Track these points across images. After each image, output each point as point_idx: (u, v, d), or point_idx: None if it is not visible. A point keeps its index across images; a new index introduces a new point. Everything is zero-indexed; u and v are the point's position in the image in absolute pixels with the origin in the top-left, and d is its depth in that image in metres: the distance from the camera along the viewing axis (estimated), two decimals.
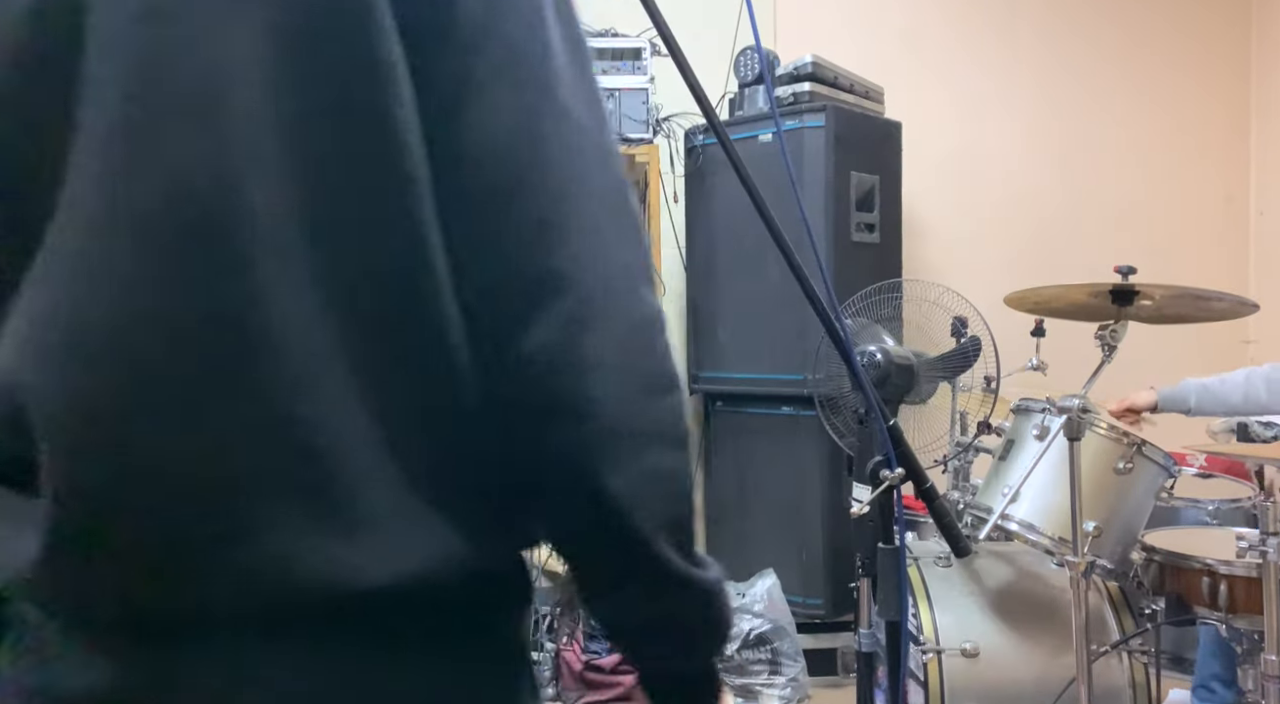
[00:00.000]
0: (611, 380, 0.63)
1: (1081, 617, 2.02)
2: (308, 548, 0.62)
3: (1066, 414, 2.06)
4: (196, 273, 0.60)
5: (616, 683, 3.10)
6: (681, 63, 1.16)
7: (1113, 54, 3.97)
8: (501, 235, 0.64)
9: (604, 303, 0.64)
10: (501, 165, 0.63)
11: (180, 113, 0.60)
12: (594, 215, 0.65)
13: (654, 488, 0.65)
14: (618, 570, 0.68)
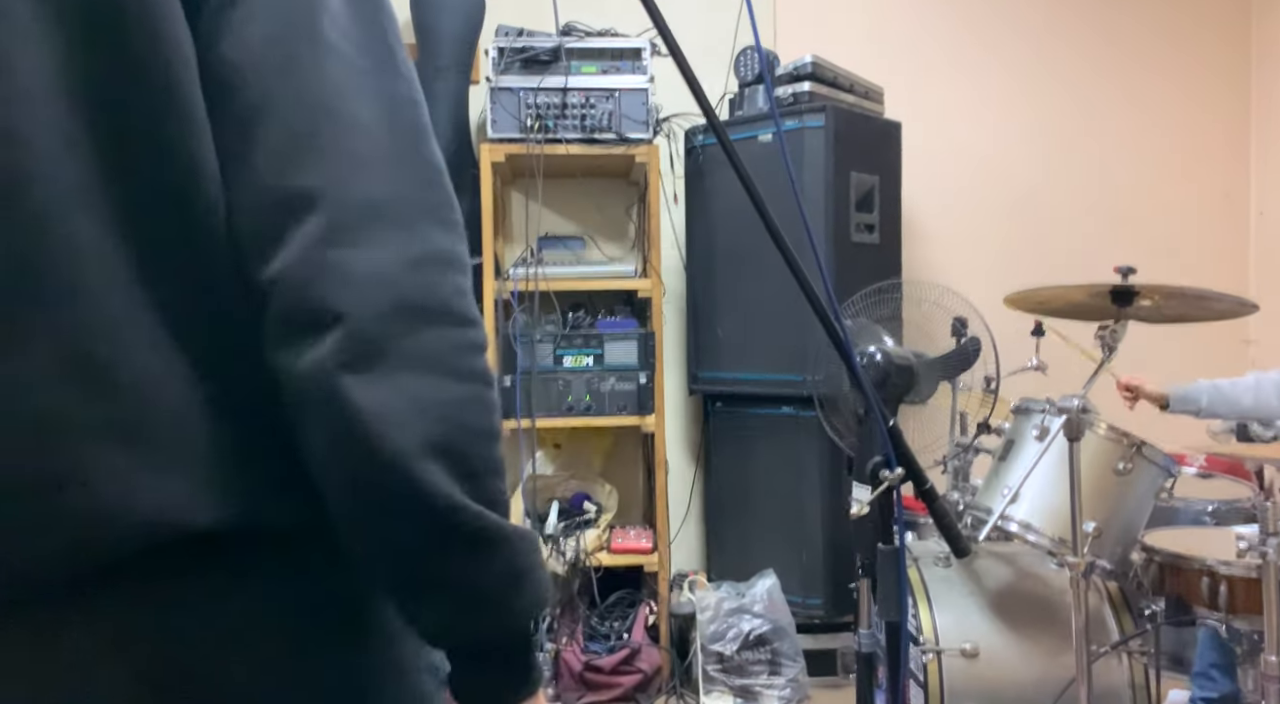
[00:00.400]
0: (363, 298, 0.62)
1: (1081, 617, 2.02)
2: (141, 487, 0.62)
3: (1066, 414, 2.06)
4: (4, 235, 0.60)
5: (616, 683, 3.10)
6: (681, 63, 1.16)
7: (1113, 54, 3.97)
8: (253, 153, 0.63)
9: (361, 227, 0.63)
10: (253, 84, 0.63)
11: None
12: (357, 143, 0.64)
13: (415, 409, 0.62)
14: (376, 503, 0.63)
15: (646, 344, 3.23)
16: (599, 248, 3.63)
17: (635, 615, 3.23)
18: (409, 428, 0.62)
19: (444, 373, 0.64)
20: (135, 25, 0.62)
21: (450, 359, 0.64)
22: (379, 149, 0.65)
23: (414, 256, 0.64)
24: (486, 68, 3.21)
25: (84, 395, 0.62)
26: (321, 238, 0.62)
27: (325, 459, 0.64)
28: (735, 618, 3.03)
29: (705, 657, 3.02)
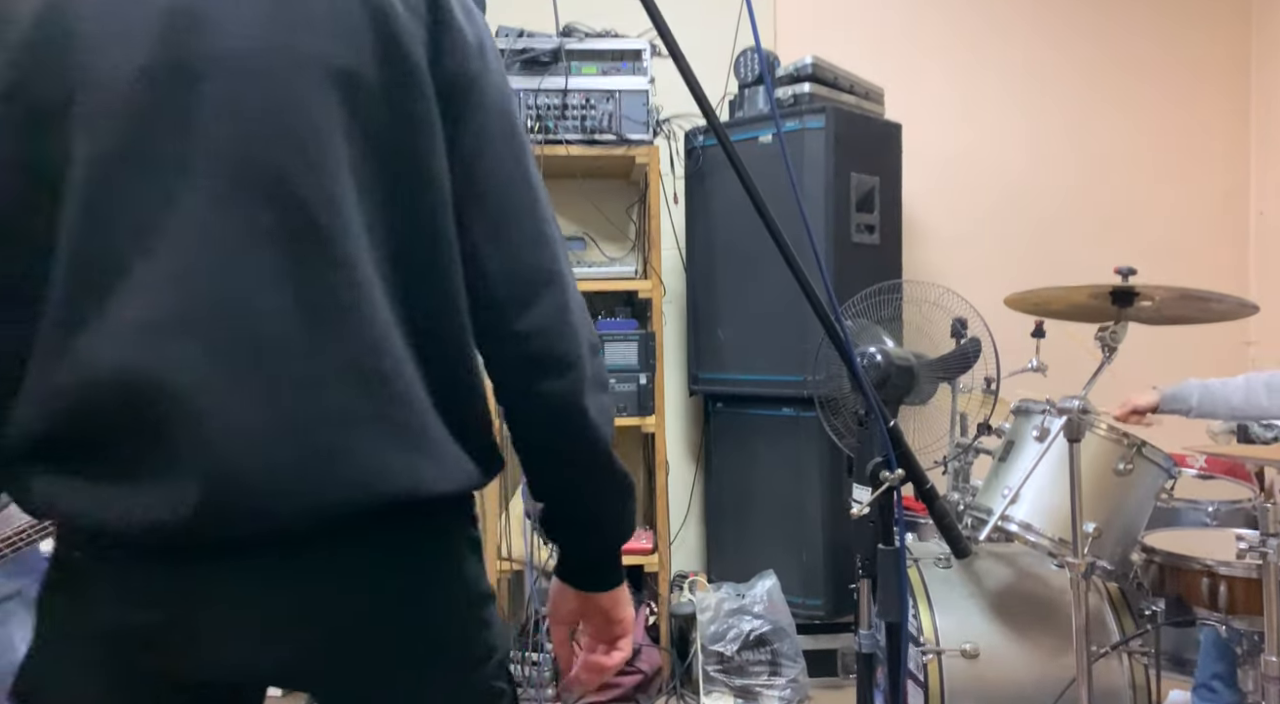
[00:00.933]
0: (583, 346, 0.97)
1: (1081, 618, 2.01)
2: (398, 463, 0.88)
3: (1066, 415, 2.06)
4: (312, 272, 0.85)
5: (616, 683, 3.10)
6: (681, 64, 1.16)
7: (1113, 54, 3.97)
8: (505, 240, 0.94)
9: (573, 292, 0.97)
10: (512, 201, 0.95)
11: (289, 150, 0.85)
12: (554, 232, 0.97)
13: (604, 414, 0.99)
14: (591, 463, 1.00)
15: (647, 345, 3.23)
16: (599, 248, 3.63)
17: (635, 616, 3.23)
18: (604, 426, 0.99)
19: (607, 388, 1.01)
20: (414, 160, 0.90)
21: (607, 379, 1.01)
22: (557, 234, 0.98)
23: (584, 307, 0.98)
24: None
25: (358, 392, 0.87)
26: (564, 306, 0.95)
27: (559, 445, 0.99)
28: (735, 618, 3.03)
29: (705, 657, 3.02)
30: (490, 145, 0.93)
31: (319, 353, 0.85)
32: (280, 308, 0.84)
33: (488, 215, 0.94)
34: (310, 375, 0.85)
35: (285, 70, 0.84)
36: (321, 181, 0.85)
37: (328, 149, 0.85)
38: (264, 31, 0.84)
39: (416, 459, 0.89)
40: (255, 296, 0.83)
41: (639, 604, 3.27)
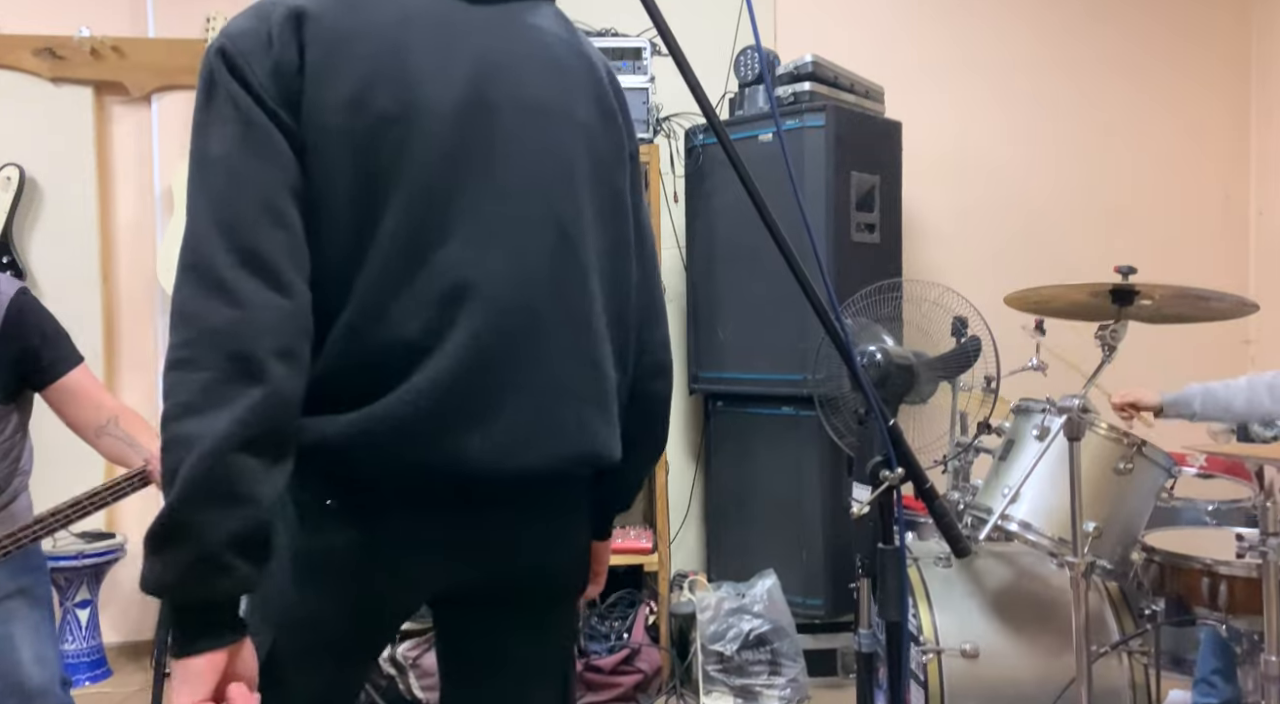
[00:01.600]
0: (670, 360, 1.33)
1: (1081, 617, 2.01)
2: (603, 435, 1.16)
3: (1066, 414, 2.06)
4: (565, 273, 1.12)
5: (616, 683, 3.10)
6: (681, 62, 1.16)
7: (1113, 54, 3.97)
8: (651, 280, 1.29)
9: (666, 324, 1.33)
10: (651, 246, 1.29)
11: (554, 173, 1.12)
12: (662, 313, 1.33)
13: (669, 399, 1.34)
14: (658, 452, 1.37)
15: None
16: None
17: (635, 615, 3.22)
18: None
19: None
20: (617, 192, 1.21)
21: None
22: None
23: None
24: None
25: (581, 374, 1.13)
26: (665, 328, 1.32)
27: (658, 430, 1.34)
28: (735, 618, 3.03)
29: (705, 657, 3.02)
30: (640, 192, 1.25)
31: (567, 338, 1.11)
32: (545, 300, 1.10)
33: (642, 251, 1.24)
34: (561, 353, 1.11)
35: (556, 117, 1.12)
36: (574, 202, 1.12)
37: (576, 178, 1.12)
38: (545, 87, 1.12)
39: (610, 433, 1.17)
40: (538, 290, 1.09)
41: (639, 604, 3.27)
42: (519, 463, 1.07)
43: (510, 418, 1.06)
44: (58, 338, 1.99)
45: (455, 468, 1.04)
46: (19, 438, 2.01)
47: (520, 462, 1.07)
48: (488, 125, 1.06)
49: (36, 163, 3.50)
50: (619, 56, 3.22)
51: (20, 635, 1.90)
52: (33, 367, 1.95)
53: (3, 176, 3.45)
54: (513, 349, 1.06)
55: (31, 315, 1.97)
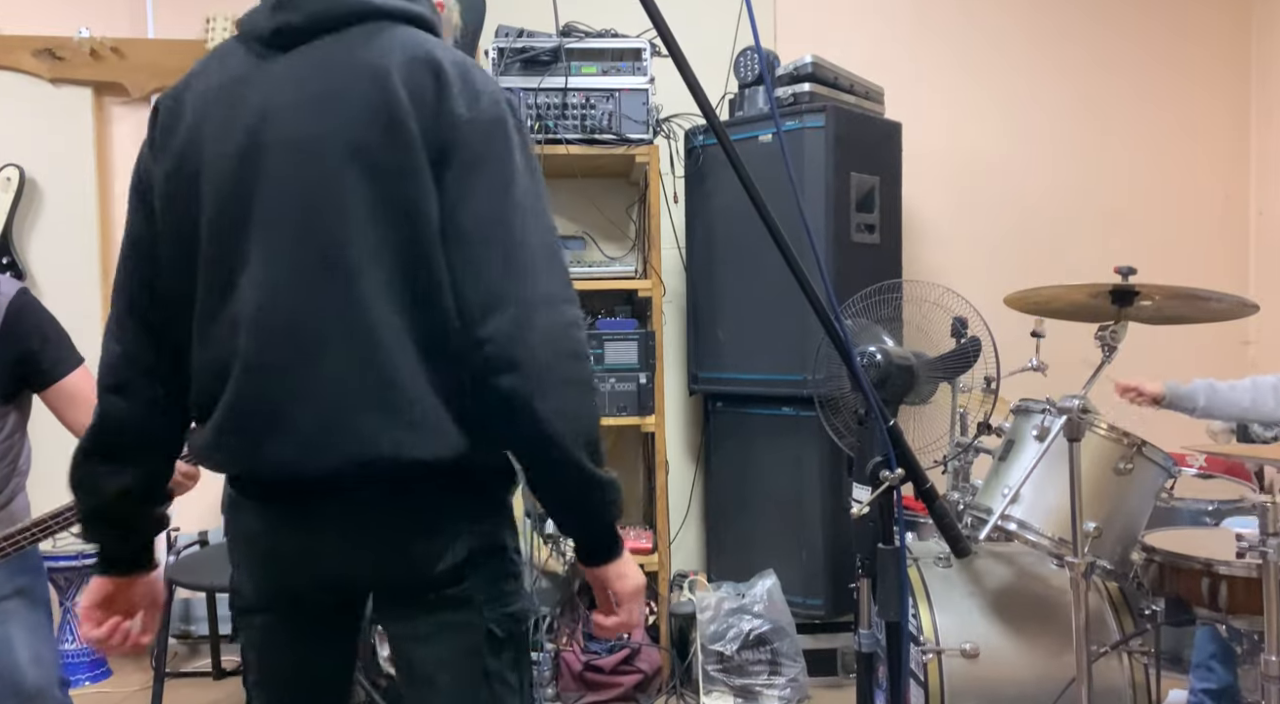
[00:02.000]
0: (533, 352, 1.14)
1: (1081, 617, 2.01)
2: (388, 438, 1.16)
3: (1066, 415, 2.06)
4: (330, 291, 1.17)
5: (616, 683, 3.10)
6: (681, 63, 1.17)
7: (1113, 54, 3.97)
8: (482, 270, 1.17)
9: (530, 312, 1.16)
10: (485, 236, 1.17)
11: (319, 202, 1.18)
12: (531, 263, 1.17)
13: (563, 414, 1.15)
14: (551, 465, 1.18)
15: (646, 344, 3.23)
16: (599, 248, 3.63)
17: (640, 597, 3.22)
18: (562, 423, 1.15)
19: (582, 390, 1.17)
20: (412, 205, 1.17)
21: (580, 380, 1.18)
22: (541, 265, 1.18)
23: (561, 324, 1.17)
24: (487, 68, 3.21)
25: (362, 382, 1.16)
26: (521, 320, 1.15)
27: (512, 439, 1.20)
28: (735, 618, 3.03)
29: (705, 657, 3.02)
30: (466, 185, 1.17)
31: (343, 350, 1.17)
32: (311, 318, 1.17)
33: (463, 246, 1.17)
34: (338, 365, 1.17)
35: (320, 147, 1.18)
36: (342, 222, 1.17)
37: (346, 199, 1.17)
38: (312, 123, 1.18)
39: (401, 435, 1.16)
40: (299, 310, 1.18)
41: None
42: (310, 469, 1.18)
43: (294, 429, 1.17)
44: (59, 339, 1.99)
45: (258, 475, 1.24)
46: (18, 438, 2.01)
47: (309, 469, 1.18)
48: (256, 167, 1.19)
49: (36, 163, 3.50)
50: (619, 57, 3.22)
51: (18, 636, 1.90)
52: (33, 368, 1.95)
53: (3, 177, 3.45)
54: (286, 367, 1.17)
55: (32, 316, 1.97)
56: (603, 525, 1.23)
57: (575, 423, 1.15)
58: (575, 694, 3.09)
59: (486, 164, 1.17)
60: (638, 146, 3.21)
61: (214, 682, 3.29)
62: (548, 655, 3.09)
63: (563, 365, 1.15)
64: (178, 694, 3.11)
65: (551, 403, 1.14)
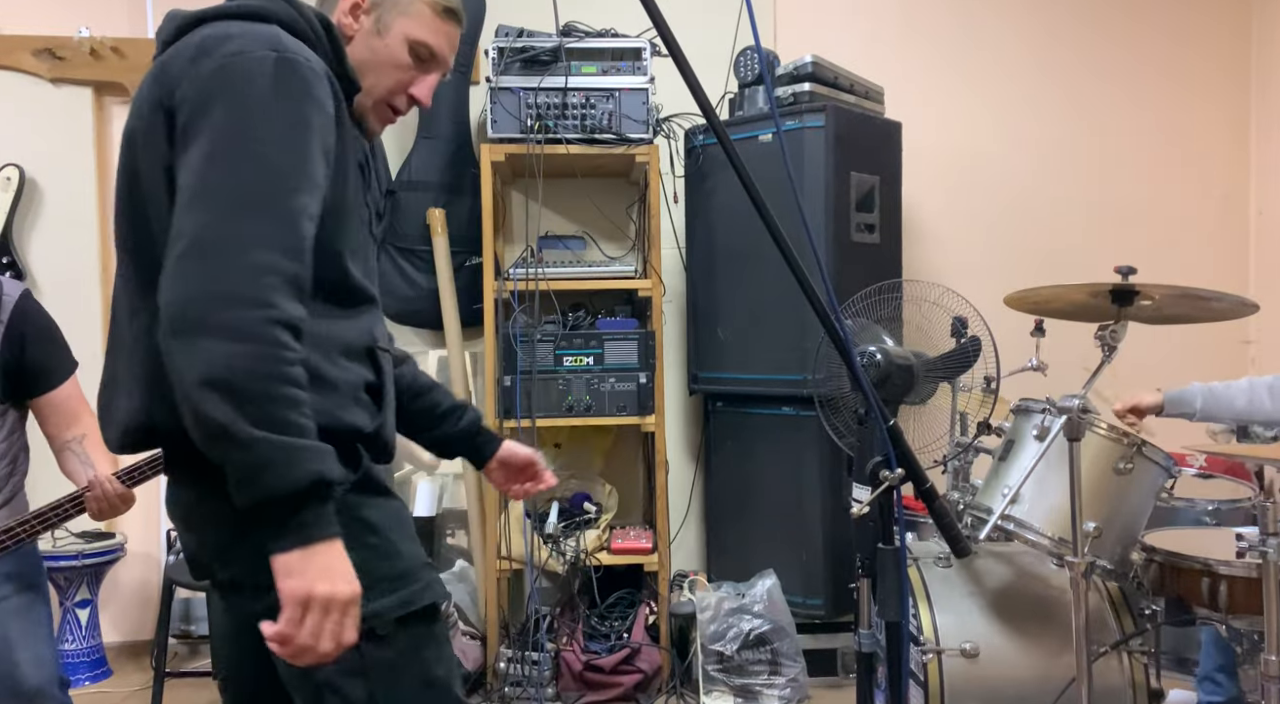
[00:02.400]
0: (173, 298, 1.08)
1: (1081, 617, 2.01)
2: (125, 409, 1.23)
3: (1066, 414, 2.06)
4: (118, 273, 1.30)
5: (616, 683, 3.10)
6: (681, 63, 1.17)
7: (1113, 54, 3.97)
8: (174, 222, 1.13)
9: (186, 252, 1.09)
10: (182, 186, 1.13)
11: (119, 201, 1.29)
12: (206, 205, 1.10)
13: (204, 359, 1.04)
14: (184, 411, 1.08)
15: (646, 344, 3.23)
16: (599, 248, 3.63)
17: (635, 615, 3.23)
18: (194, 371, 1.05)
19: (234, 339, 1.05)
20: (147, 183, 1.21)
21: (244, 330, 1.05)
22: (212, 205, 1.11)
23: (209, 274, 1.07)
24: (486, 68, 3.21)
25: (126, 360, 1.24)
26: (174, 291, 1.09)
27: (175, 374, 1.09)
28: (735, 618, 3.03)
29: (705, 656, 3.02)
30: (183, 146, 1.14)
31: (122, 331, 1.26)
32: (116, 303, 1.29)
33: (176, 216, 1.13)
34: (121, 346, 1.26)
35: (124, 148, 1.25)
36: (120, 207, 1.26)
37: (122, 184, 1.25)
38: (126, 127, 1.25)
39: (139, 405, 1.20)
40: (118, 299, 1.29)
41: (639, 603, 3.27)
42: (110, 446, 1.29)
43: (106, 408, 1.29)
44: (55, 348, 2.01)
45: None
46: (17, 437, 2.01)
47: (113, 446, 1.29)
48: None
49: (36, 163, 3.50)
50: (619, 57, 3.22)
51: (17, 636, 1.90)
52: (32, 372, 1.96)
53: (3, 177, 3.45)
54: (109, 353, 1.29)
55: (36, 319, 1.97)
56: (246, 496, 1.05)
57: (202, 365, 1.04)
58: (575, 694, 3.09)
59: (201, 117, 1.13)
60: (638, 146, 3.21)
61: (214, 681, 3.29)
62: (548, 655, 3.09)
63: (211, 309, 1.05)
64: (178, 694, 3.11)
65: (185, 345, 1.05)
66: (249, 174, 1.11)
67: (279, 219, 1.10)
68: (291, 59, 1.16)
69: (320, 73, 1.20)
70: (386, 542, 1.25)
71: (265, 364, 1.04)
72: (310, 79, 1.17)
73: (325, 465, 1.06)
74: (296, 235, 1.11)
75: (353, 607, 1.08)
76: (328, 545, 1.07)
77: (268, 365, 1.04)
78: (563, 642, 3.14)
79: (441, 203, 3.48)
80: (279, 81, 1.14)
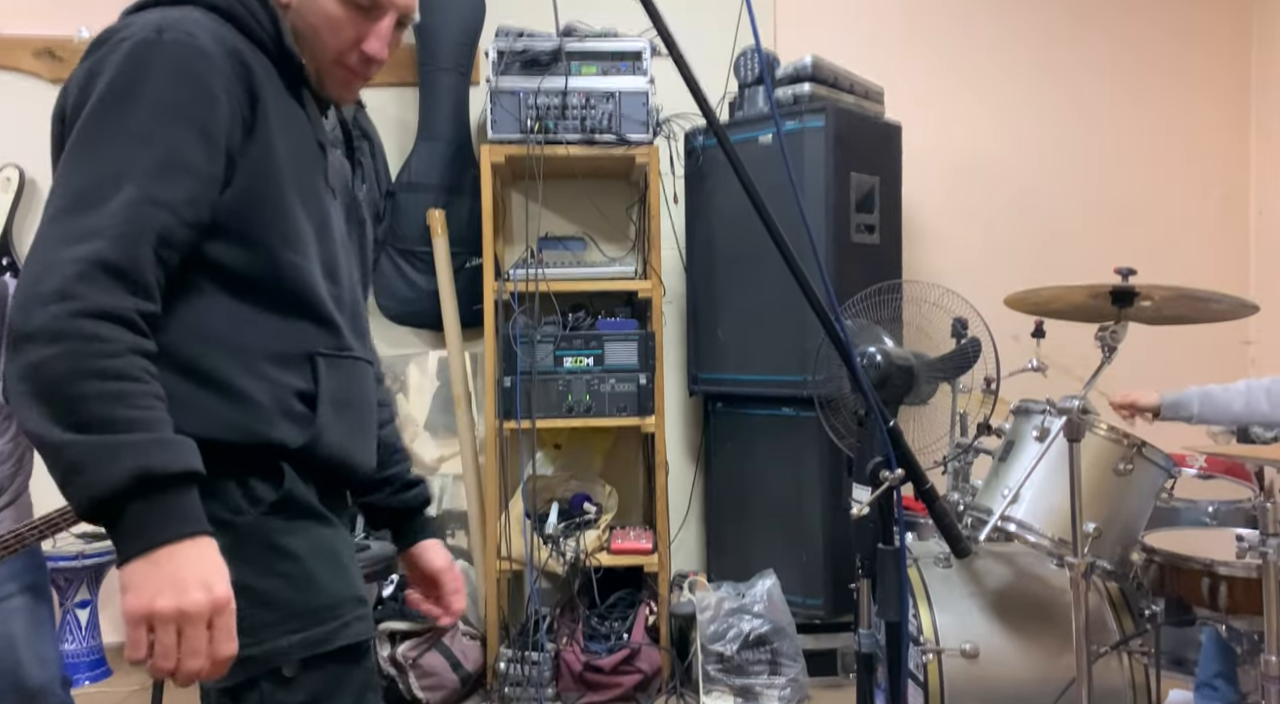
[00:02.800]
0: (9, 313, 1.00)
1: (1081, 617, 2.02)
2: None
3: (1066, 415, 2.06)
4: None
5: (616, 683, 3.10)
6: (681, 64, 1.17)
7: (1113, 54, 3.97)
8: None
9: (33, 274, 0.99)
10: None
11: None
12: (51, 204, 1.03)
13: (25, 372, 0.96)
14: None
15: (646, 345, 3.23)
16: (599, 249, 3.63)
17: (635, 615, 3.23)
18: (13, 382, 0.96)
19: (46, 341, 0.95)
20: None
21: (51, 329, 0.96)
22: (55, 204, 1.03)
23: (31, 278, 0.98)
24: (486, 69, 3.21)
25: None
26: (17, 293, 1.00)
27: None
28: (735, 618, 3.03)
29: (705, 657, 3.02)
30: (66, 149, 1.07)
31: None
32: None
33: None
34: None
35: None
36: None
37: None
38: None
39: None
40: None
41: (639, 604, 3.27)
42: None
43: None
44: None
45: None
46: (22, 438, 2.01)
47: None
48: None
49: (36, 163, 3.50)
50: (619, 58, 3.22)
51: (21, 635, 1.90)
52: None
53: (3, 177, 3.45)
54: None
55: None
56: (73, 504, 0.96)
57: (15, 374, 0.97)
58: (575, 694, 3.09)
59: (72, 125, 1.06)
60: (638, 147, 3.21)
61: None
62: (548, 656, 3.09)
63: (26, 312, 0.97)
64: (177, 694, 3.10)
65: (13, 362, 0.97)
66: (87, 171, 1.03)
67: (111, 210, 1.00)
68: (168, 41, 1.07)
69: (213, 50, 1.09)
70: (303, 571, 1.10)
71: (72, 361, 0.95)
72: (188, 57, 1.07)
73: (153, 458, 0.94)
74: (132, 224, 1.01)
75: (220, 616, 0.95)
76: (178, 548, 0.94)
77: (74, 361, 0.95)
78: (563, 642, 3.14)
79: (441, 204, 3.48)
80: (141, 67, 1.06)
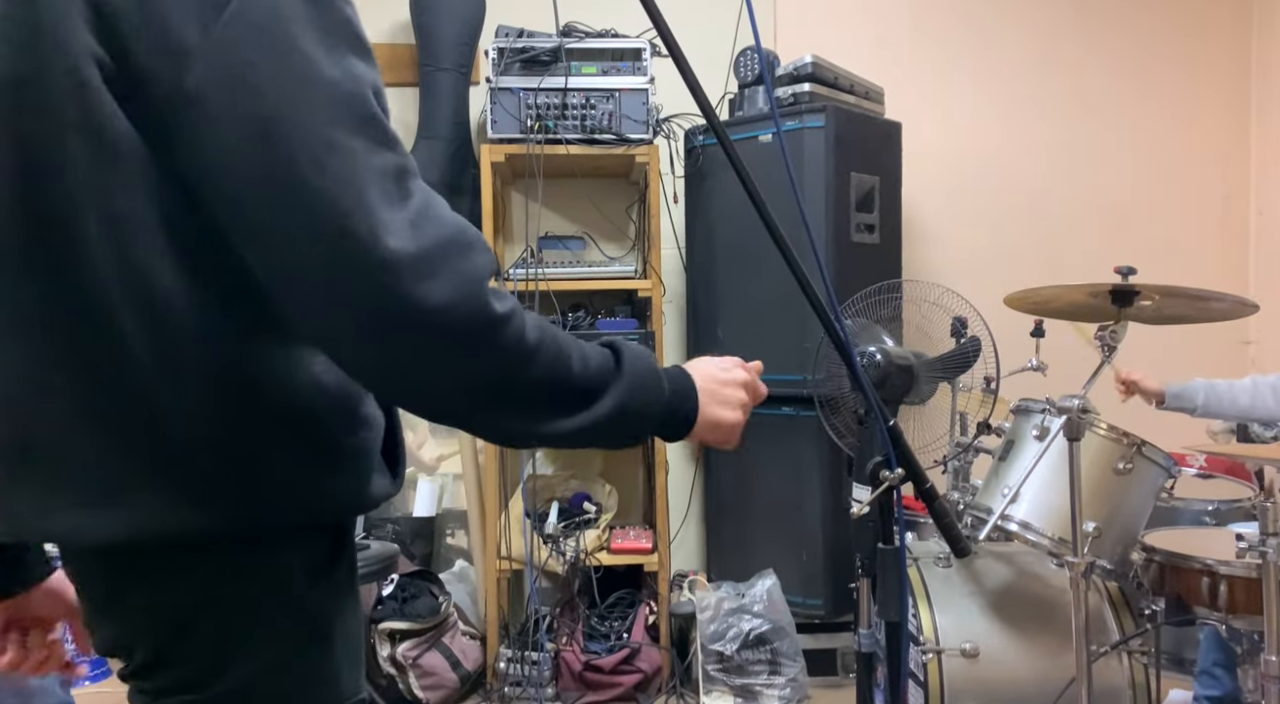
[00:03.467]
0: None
1: (1081, 617, 2.02)
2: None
3: (1066, 414, 2.06)
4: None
5: (616, 683, 3.10)
6: (681, 63, 1.16)
7: (1113, 54, 3.97)
8: None
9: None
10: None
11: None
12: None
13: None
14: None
15: (646, 344, 3.22)
16: (599, 248, 3.63)
17: (635, 615, 3.23)
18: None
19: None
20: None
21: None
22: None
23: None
24: (486, 68, 3.21)
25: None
26: None
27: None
28: (735, 618, 3.03)
29: (705, 656, 3.02)
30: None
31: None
32: None
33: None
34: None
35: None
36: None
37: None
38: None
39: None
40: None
41: (639, 604, 3.27)
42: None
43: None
44: None
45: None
46: None
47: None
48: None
49: None
50: (619, 57, 3.22)
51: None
52: None
53: None
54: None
55: None
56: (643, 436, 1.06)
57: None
58: (575, 694, 3.09)
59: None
60: (638, 146, 3.21)
61: None
62: (547, 655, 3.09)
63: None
64: None
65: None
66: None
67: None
68: None
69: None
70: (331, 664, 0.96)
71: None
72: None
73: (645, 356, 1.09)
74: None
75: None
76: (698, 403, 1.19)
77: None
78: (562, 642, 3.14)
79: None
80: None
